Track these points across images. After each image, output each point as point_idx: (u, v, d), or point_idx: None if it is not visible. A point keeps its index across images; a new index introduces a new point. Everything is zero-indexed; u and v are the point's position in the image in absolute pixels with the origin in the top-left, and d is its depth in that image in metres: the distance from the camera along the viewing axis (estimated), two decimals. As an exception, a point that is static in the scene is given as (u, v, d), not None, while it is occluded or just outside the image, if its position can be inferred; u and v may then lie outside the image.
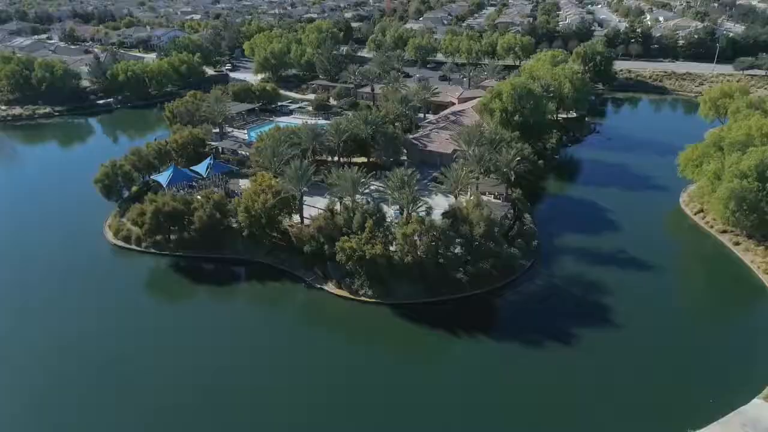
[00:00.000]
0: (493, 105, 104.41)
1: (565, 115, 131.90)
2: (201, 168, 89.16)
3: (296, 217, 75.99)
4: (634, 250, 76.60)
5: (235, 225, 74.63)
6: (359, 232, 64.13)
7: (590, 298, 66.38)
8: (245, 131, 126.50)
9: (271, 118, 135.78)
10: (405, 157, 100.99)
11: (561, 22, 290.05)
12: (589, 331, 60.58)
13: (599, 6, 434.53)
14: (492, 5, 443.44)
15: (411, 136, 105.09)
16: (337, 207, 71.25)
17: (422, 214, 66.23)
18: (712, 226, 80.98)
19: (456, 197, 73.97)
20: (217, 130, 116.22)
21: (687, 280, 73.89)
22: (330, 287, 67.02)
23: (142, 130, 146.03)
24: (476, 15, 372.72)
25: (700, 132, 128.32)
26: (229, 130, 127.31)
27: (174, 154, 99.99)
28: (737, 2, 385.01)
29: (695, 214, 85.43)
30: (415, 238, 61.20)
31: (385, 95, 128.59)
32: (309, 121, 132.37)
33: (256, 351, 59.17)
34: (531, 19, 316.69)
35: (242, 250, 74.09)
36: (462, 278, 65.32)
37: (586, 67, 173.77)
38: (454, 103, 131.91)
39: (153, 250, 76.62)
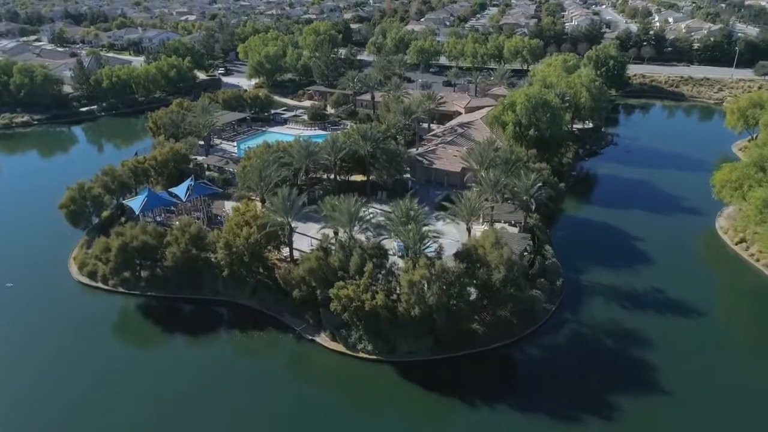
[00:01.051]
0: (506, 117, 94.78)
1: (580, 126, 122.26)
2: (180, 190, 79.42)
3: (286, 250, 66.36)
4: (670, 287, 66.95)
5: (214, 259, 64.98)
6: (357, 277, 54.49)
7: (626, 352, 56.66)
8: (235, 143, 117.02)
9: (263, 129, 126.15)
10: (408, 175, 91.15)
11: (567, 24, 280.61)
12: (627, 396, 50.88)
13: (603, 6, 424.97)
14: (494, 5, 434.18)
15: (415, 152, 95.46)
16: (332, 236, 61.64)
17: (431, 253, 56.61)
18: (758, 260, 71.29)
19: (469, 231, 64.15)
20: (203, 143, 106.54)
21: (736, 328, 63.82)
22: (323, 339, 57.38)
23: (127, 139, 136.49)
24: (479, 15, 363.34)
25: (726, 144, 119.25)
26: (218, 142, 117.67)
27: (153, 173, 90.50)
28: (746, 2, 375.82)
29: (736, 244, 75.75)
30: (423, 285, 51.52)
31: (386, 104, 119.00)
32: (304, 132, 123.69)
33: (236, 412, 49.58)
34: (536, 20, 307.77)
35: (222, 290, 64.42)
36: (477, 329, 55.71)
37: (598, 72, 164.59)
38: (460, 113, 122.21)
39: (121, 290, 66.95)
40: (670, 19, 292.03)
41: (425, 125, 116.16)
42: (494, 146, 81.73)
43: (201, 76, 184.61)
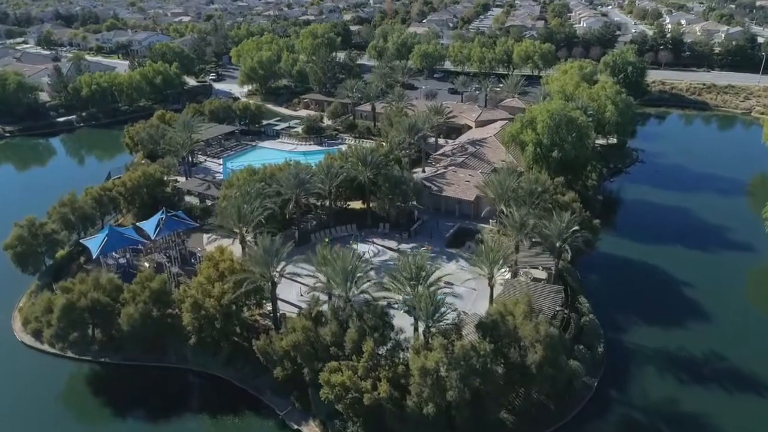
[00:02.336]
0: (525, 136, 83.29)
1: (603, 142, 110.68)
2: (150, 225, 67.98)
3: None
4: (732, 349, 55.52)
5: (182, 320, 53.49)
6: (354, 356, 43.05)
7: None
8: (221, 161, 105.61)
9: (253, 143, 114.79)
10: (414, 202, 79.38)
11: (575, 25, 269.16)
12: None
13: (609, 7, 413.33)
14: (498, 6, 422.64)
15: (421, 174, 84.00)
16: (324, 299, 50.27)
17: (447, 319, 45.11)
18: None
19: (492, 287, 52.44)
20: (188, 162, 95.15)
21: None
22: (311, 429, 45.91)
23: (105, 154, 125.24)
24: (482, 17, 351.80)
25: (766, 161, 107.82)
26: (202, 159, 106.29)
27: (122, 201, 79.13)
28: (757, 3, 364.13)
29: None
30: (440, 370, 40.05)
31: (389, 117, 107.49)
32: (297, 148, 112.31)
33: None
34: (543, 22, 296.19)
35: (191, 357, 52.96)
36: (506, 419, 44.28)
37: (615, 79, 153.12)
38: (470, 127, 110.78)
39: (70, 354, 55.51)
40: (683, 21, 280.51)
41: (432, 139, 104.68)
42: (515, 173, 70.22)
43: (191, 82, 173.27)
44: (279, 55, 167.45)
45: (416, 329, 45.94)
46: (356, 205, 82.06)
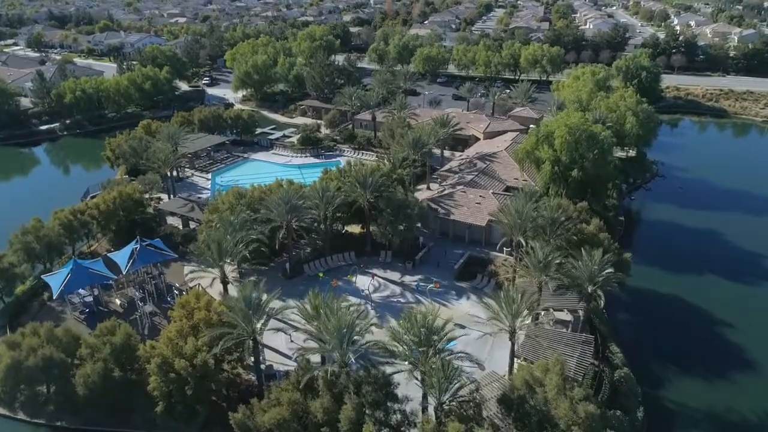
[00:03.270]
0: (541, 153, 75.60)
1: (621, 154, 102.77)
2: (122, 257, 60.31)
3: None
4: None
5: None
6: (351, 439, 35.37)
7: None
8: (210, 176, 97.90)
9: (244, 156, 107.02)
10: (419, 224, 71.30)
11: (581, 27, 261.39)
12: None
13: (614, 8, 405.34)
14: (500, 6, 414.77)
15: (428, 196, 76.20)
16: (314, 363, 42.54)
17: (464, 396, 37.35)
18: None
19: (513, 344, 44.55)
20: (173, 178, 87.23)
21: None
22: None
23: (87, 166, 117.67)
24: (485, 18, 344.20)
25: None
26: (189, 174, 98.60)
27: (96, 226, 71.41)
28: (765, 4, 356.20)
29: None
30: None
31: (390, 127, 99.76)
32: (292, 160, 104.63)
33: None
34: (548, 23, 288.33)
35: (160, 421, 45.19)
36: None
37: (628, 85, 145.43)
38: (478, 138, 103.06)
39: (21, 415, 47.79)
40: (692, 23, 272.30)
41: (437, 151, 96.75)
42: (535, 197, 62.47)
43: (183, 86, 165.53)
44: (275, 59, 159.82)
45: (425, 410, 38.13)
46: (355, 228, 74.45)
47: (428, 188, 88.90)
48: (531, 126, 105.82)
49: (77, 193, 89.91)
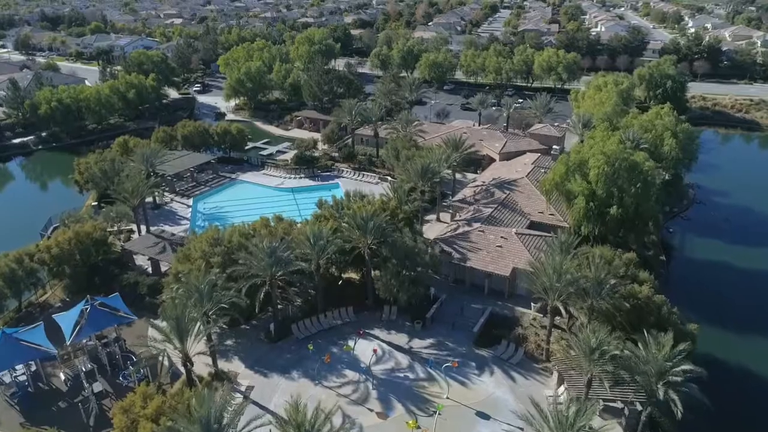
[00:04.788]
0: (573, 186, 64.31)
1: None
2: (68, 320, 49.17)
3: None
4: None
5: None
6: None
7: None
8: (192, 200, 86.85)
9: (232, 176, 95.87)
10: (431, 272, 59.80)
11: (593, 30, 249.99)
12: None
13: (622, 9, 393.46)
14: (506, 7, 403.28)
15: (439, 237, 64.82)
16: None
17: None
18: None
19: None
20: (146, 206, 75.95)
21: None
22: None
23: (62, 183, 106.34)
24: (491, 19, 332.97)
25: None
26: (168, 198, 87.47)
27: (47, 273, 60.33)
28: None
29: None
30: None
31: (394, 146, 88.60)
32: (285, 183, 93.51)
33: None
34: (557, 25, 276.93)
35: None
36: None
37: (651, 94, 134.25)
38: (493, 159, 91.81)
39: None
40: (708, 25, 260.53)
41: (447, 173, 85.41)
42: (570, 247, 51.25)
43: (173, 94, 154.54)
44: (270, 64, 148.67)
45: None
46: (353, 273, 63.21)
47: (438, 219, 77.94)
48: (554, 147, 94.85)
49: (39, 223, 78.88)
